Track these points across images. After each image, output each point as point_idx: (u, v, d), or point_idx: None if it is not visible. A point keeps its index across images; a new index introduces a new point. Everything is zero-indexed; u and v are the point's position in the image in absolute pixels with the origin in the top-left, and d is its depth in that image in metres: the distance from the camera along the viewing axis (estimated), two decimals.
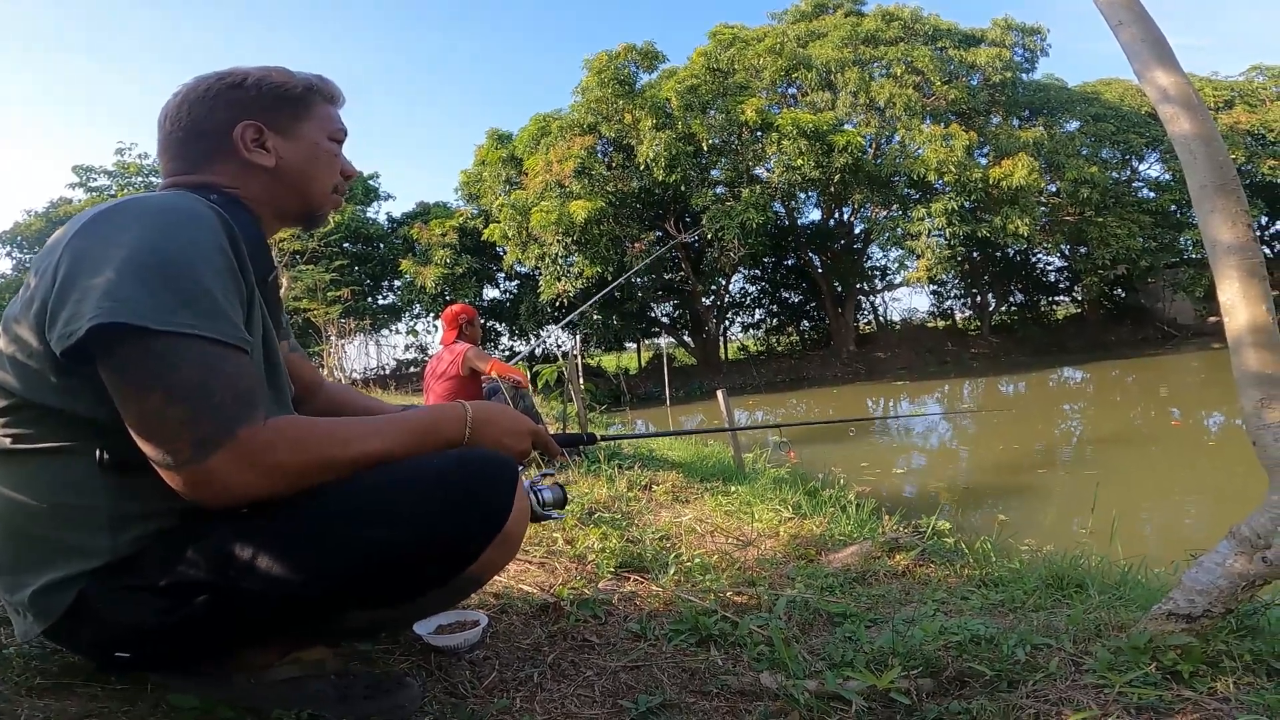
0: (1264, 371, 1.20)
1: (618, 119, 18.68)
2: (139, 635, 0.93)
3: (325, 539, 0.92)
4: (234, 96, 1.05)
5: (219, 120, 1.04)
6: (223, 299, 0.86)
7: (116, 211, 0.89)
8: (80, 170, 22.08)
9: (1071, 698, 1.15)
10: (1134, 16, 1.33)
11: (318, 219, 1.16)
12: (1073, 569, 2.12)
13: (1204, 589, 1.24)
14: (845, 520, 3.03)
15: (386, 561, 0.94)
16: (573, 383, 5.43)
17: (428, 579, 1.00)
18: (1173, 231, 20.89)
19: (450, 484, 0.97)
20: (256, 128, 1.05)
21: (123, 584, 0.91)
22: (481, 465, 1.01)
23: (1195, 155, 1.26)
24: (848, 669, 1.29)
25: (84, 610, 0.91)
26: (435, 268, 20.05)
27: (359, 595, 0.97)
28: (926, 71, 19.48)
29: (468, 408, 1.07)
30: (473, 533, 0.99)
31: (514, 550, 1.09)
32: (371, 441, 0.96)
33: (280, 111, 1.08)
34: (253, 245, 0.98)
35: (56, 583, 0.91)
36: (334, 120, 1.15)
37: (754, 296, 26.92)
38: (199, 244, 0.87)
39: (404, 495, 0.94)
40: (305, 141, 1.10)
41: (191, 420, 0.81)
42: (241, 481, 0.84)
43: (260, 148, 1.06)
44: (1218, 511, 5.56)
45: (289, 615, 0.96)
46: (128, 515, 0.92)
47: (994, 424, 11.27)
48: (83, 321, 0.80)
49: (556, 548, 2.20)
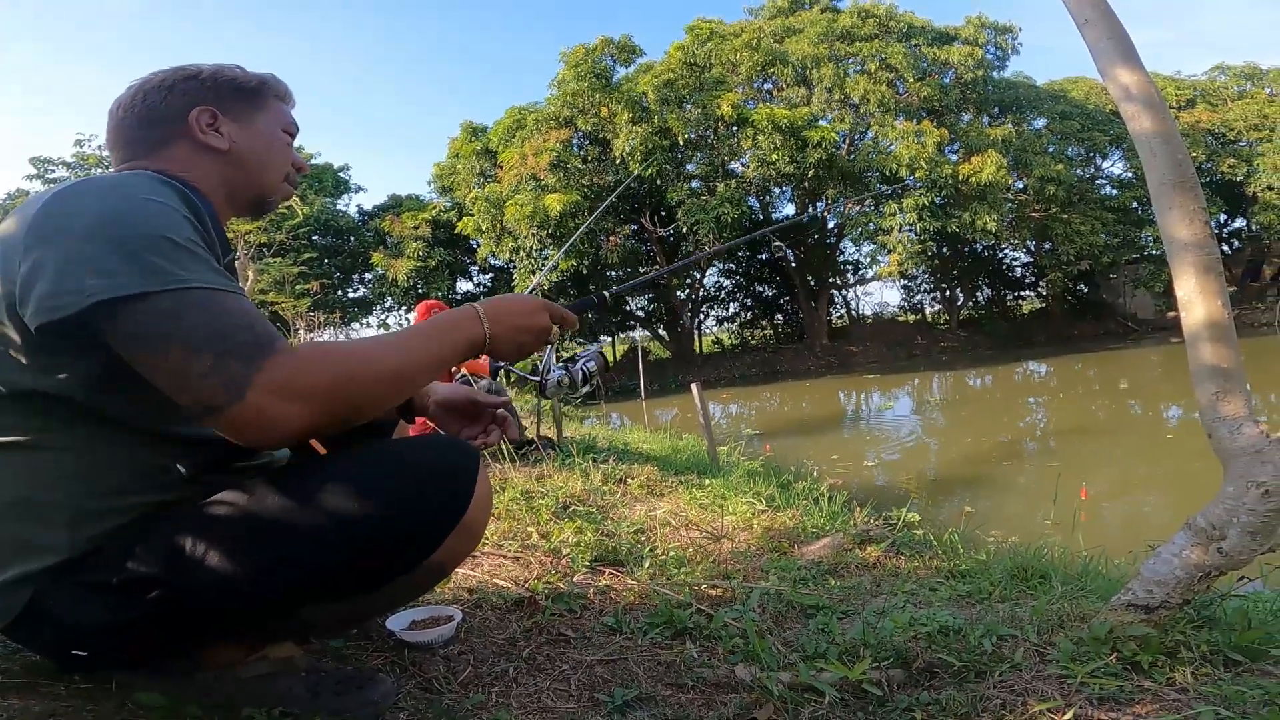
0: (1219, 365, 1.23)
1: (594, 112, 18.61)
2: (96, 633, 0.92)
3: (285, 530, 0.92)
4: (189, 86, 1.06)
5: (174, 107, 1.04)
6: (204, 254, 0.86)
7: (77, 189, 0.88)
8: (38, 162, 21.35)
9: (1036, 688, 1.18)
10: (1099, 14, 1.35)
11: (267, 206, 1.16)
12: (1036, 560, 2.18)
13: (1162, 580, 1.28)
14: (818, 513, 3.07)
15: (348, 550, 0.93)
16: None
17: (390, 568, 1.00)
18: (1134, 228, 21.42)
19: (412, 472, 0.97)
20: (211, 112, 1.05)
21: (78, 581, 0.90)
22: (443, 453, 1.02)
23: (1155, 153, 1.29)
24: (821, 661, 1.30)
25: (40, 608, 0.90)
26: (407, 260, 19.85)
27: (321, 586, 0.97)
28: (900, 68, 19.69)
29: (478, 306, 1.05)
30: (434, 519, 0.98)
31: (476, 539, 1.10)
32: (393, 352, 0.93)
33: (236, 101, 1.09)
34: (212, 224, 0.98)
35: (12, 581, 0.90)
36: (287, 115, 1.17)
37: (728, 290, 27.08)
38: (166, 210, 0.87)
39: (365, 484, 0.94)
40: (259, 130, 1.11)
41: (217, 364, 0.80)
42: (284, 412, 0.82)
43: (215, 131, 1.06)
44: (1176, 502, 5.73)
45: (251, 610, 0.95)
46: (88, 511, 0.91)
47: (962, 417, 11.48)
48: (77, 298, 0.78)
49: (531, 542, 2.20)
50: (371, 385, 0.89)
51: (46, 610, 0.90)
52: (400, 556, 0.99)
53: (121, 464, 0.93)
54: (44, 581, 0.90)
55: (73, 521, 0.90)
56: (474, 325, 1.02)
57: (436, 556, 1.01)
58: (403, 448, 1.03)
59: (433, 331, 0.98)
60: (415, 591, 1.27)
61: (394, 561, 0.99)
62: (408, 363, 0.93)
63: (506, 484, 2.91)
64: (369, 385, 0.89)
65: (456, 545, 1.04)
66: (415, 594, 1.31)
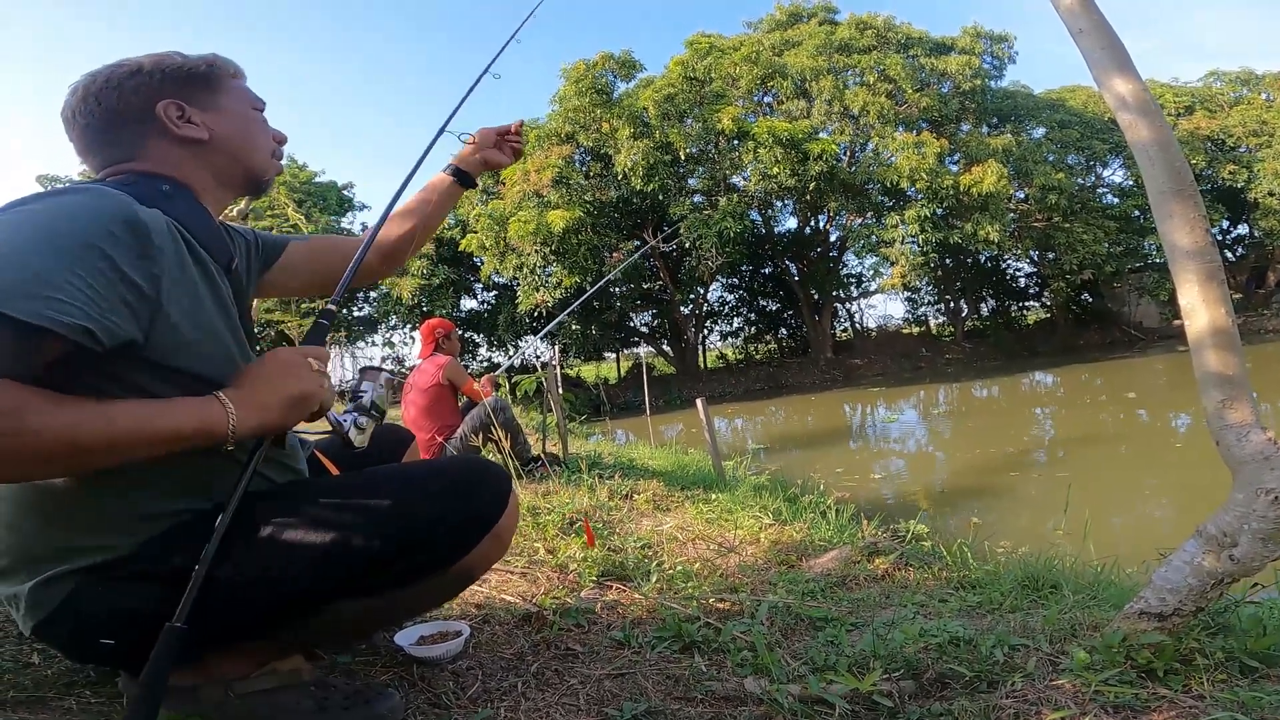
0: (1224, 373, 1.23)
1: (595, 128, 18.72)
2: (131, 623, 0.93)
3: (337, 523, 0.98)
4: (138, 82, 1.04)
5: (132, 105, 1.03)
6: (56, 277, 0.79)
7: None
8: (46, 180, 21.61)
9: (1050, 697, 1.17)
10: (1093, 24, 1.37)
11: (264, 184, 1.17)
12: (1047, 570, 2.16)
13: (1174, 587, 1.27)
14: (825, 526, 3.05)
15: (393, 548, 1.00)
16: (552, 393, 5.41)
17: (427, 564, 1.04)
18: (1136, 236, 21.38)
19: (453, 481, 1.06)
20: (178, 105, 1.05)
21: (121, 574, 0.93)
22: (481, 471, 1.10)
23: (1153, 161, 1.29)
24: (830, 673, 1.30)
25: (77, 604, 0.92)
26: (412, 278, 19.90)
27: (367, 576, 1.00)
28: (899, 79, 19.79)
29: (222, 392, 0.92)
30: (471, 521, 1.05)
31: (504, 547, 1.14)
32: (93, 417, 0.81)
33: (193, 88, 1.08)
34: (206, 234, 1.01)
35: (53, 578, 0.92)
36: (249, 92, 1.17)
37: (732, 305, 27.07)
38: (53, 231, 0.82)
39: (412, 487, 1.03)
40: (231, 112, 1.11)
41: None
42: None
43: (189, 123, 1.06)
44: (1187, 510, 5.68)
45: (288, 601, 0.99)
46: (146, 515, 0.95)
47: (969, 429, 11.42)
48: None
49: (538, 557, 2.19)
50: (50, 444, 0.78)
51: (83, 604, 0.92)
52: (439, 553, 1.04)
53: (176, 470, 0.95)
54: (85, 578, 0.92)
55: (129, 524, 0.94)
56: (209, 407, 0.89)
57: (468, 560, 1.06)
58: (449, 464, 1.12)
59: (157, 409, 0.86)
60: (445, 597, 1.27)
61: (432, 556, 1.04)
62: (105, 432, 0.81)
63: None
64: (48, 443, 0.78)
65: (488, 550, 1.09)
66: (439, 601, 1.29)
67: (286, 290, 1.38)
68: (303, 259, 1.35)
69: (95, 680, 1.13)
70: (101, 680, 1.13)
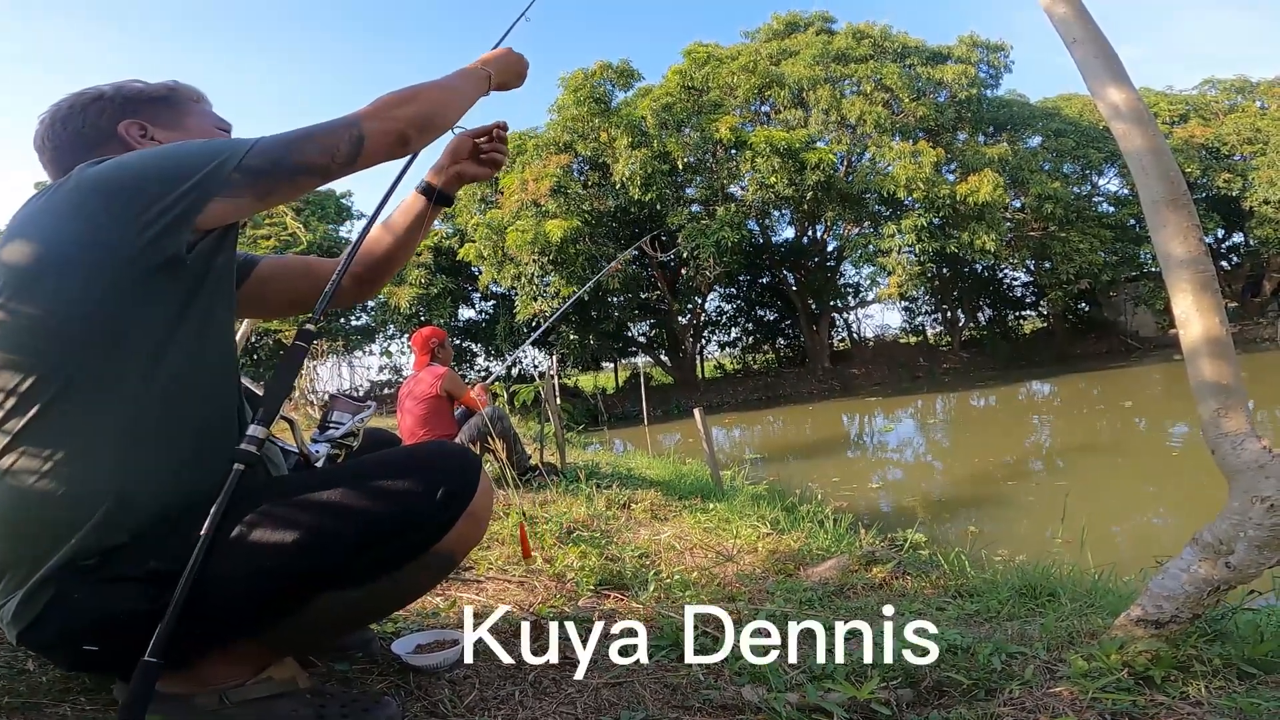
0: (1220, 381, 1.23)
1: (593, 137, 18.79)
2: (117, 625, 0.92)
3: (311, 513, 0.98)
4: (101, 106, 1.09)
5: (99, 128, 1.08)
6: None
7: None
8: (42, 186, 21.60)
9: (1047, 704, 1.17)
10: (1087, 34, 1.38)
11: None
12: (1045, 578, 2.16)
13: (1171, 595, 1.27)
14: (823, 535, 3.06)
15: (371, 531, 1.00)
16: (550, 403, 5.41)
17: (416, 541, 1.05)
18: (1132, 245, 21.42)
19: (422, 462, 1.09)
20: (139, 124, 1.09)
21: (104, 576, 0.92)
22: (454, 449, 1.13)
23: (1146, 170, 1.30)
24: (828, 681, 1.29)
25: (62, 607, 0.91)
26: (410, 288, 19.89)
27: (355, 560, 1.01)
28: (895, 89, 19.88)
29: (480, 65, 1.34)
30: (446, 498, 1.05)
31: (482, 528, 1.16)
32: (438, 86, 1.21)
33: (154, 109, 1.12)
34: None
35: (38, 583, 0.91)
36: (214, 115, 1.20)
37: (730, 315, 27.05)
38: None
39: (385, 469, 1.05)
40: (194, 131, 1.14)
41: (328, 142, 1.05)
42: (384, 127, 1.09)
43: (150, 140, 1.09)
44: (1183, 518, 5.68)
45: (274, 594, 0.98)
46: (129, 505, 0.93)
47: (967, 438, 11.43)
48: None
49: (535, 566, 2.19)
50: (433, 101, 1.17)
51: (66, 609, 0.91)
52: (417, 536, 1.05)
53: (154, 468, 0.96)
54: (65, 582, 0.91)
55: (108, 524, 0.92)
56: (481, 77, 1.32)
57: (447, 542, 1.07)
58: (417, 447, 1.18)
59: (462, 74, 1.29)
60: (424, 585, 1.26)
61: (413, 540, 1.05)
62: (453, 88, 1.23)
63: (510, 510, 2.90)
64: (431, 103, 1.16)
65: (466, 530, 1.09)
66: (423, 589, 1.30)
67: (260, 312, 1.41)
68: (270, 277, 1.33)
69: (90, 687, 1.13)
70: (97, 687, 1.13)
